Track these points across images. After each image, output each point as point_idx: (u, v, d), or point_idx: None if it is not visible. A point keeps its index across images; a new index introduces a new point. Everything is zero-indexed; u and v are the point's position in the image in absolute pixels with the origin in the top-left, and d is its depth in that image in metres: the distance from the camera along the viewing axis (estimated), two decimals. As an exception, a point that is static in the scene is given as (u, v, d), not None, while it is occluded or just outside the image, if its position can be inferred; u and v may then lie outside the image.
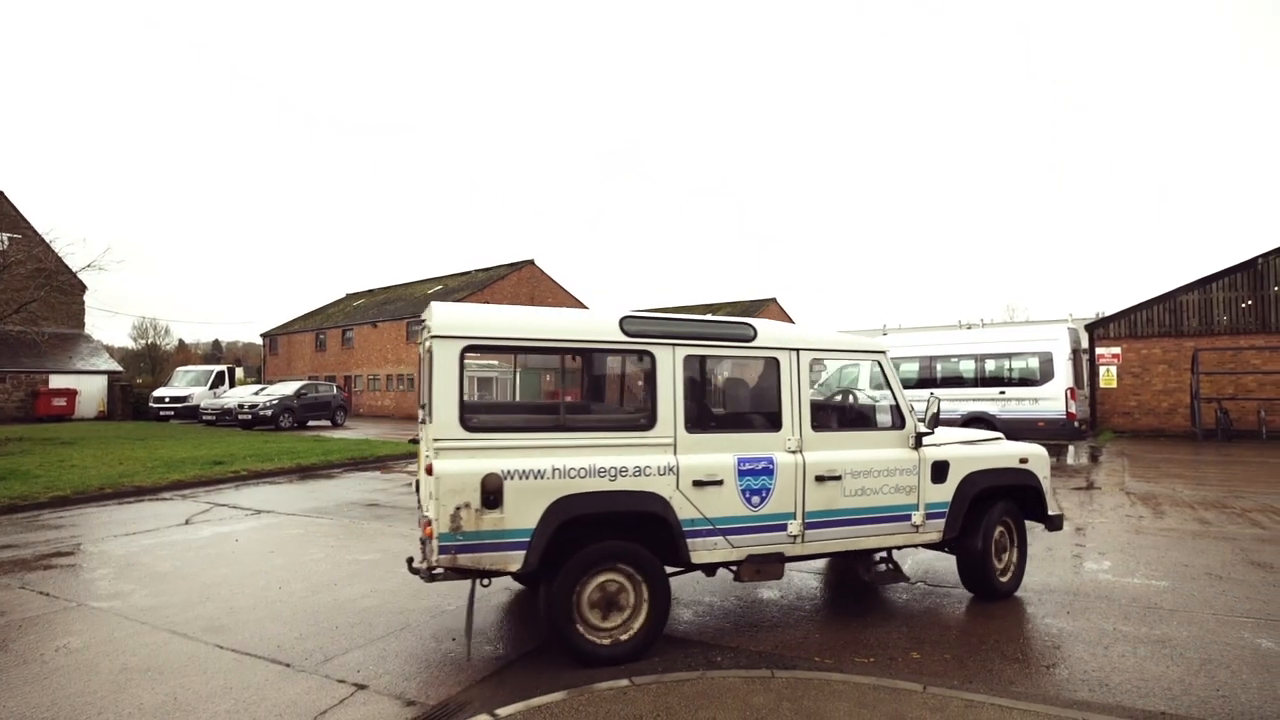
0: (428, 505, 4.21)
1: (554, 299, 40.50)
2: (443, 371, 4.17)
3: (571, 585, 4.24)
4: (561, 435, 4.38)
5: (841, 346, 5.34)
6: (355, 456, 15.45)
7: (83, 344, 36.80)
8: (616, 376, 5.05)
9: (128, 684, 4.06)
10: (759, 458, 4.71)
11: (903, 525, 5.14)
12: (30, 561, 7.00)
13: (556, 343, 4.54)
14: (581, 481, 4.24)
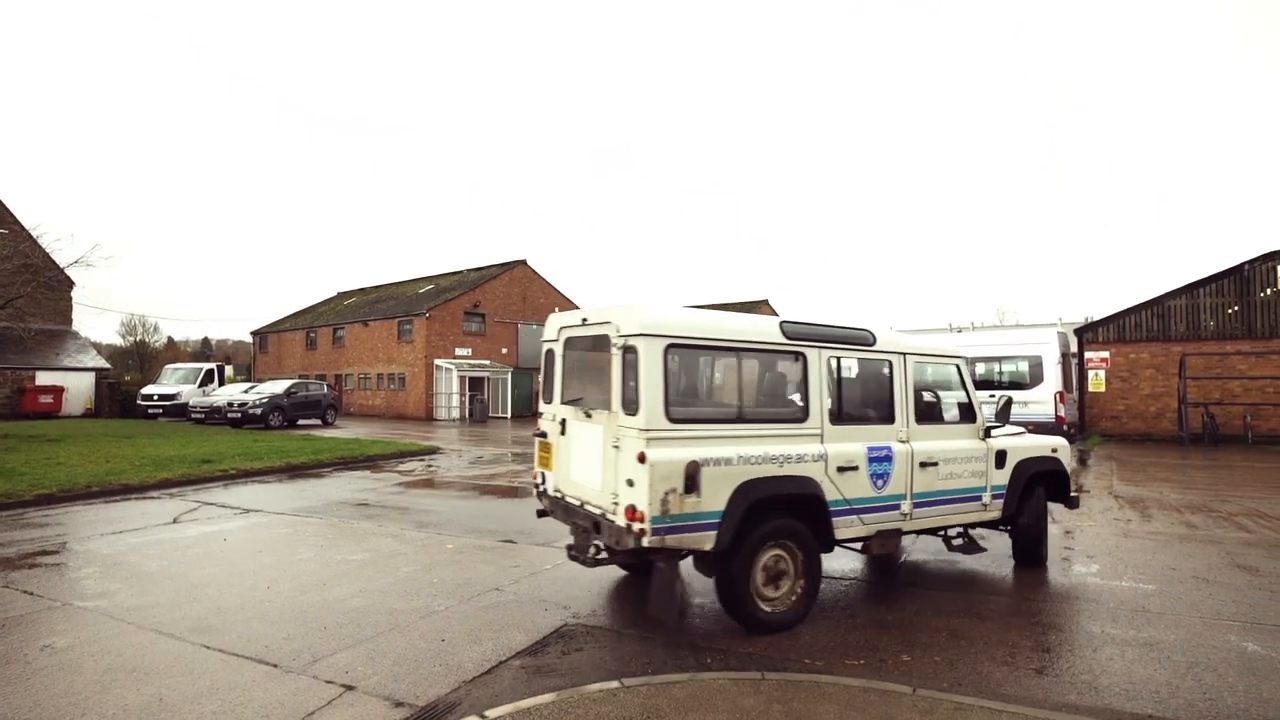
0: (624, 493, 4.59)
1: (545, 299, 40.41)
2: (649, 368, 4.59)
3: (750, 560, 4.80)
4: (741, 426, 4.94)
5: (935, 352, 6.17)
6: (345, 456, 15.37)
7: (70, 341, 36.48)
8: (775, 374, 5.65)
9: (113, 684, 4.02)
10: (881, 446, 5.46)
11: (976, 505, 6.03)
12: (14, 560, 6.92)
13: (735, 343, 5.05)
14: (758, 468, 4.78)
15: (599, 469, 5.00)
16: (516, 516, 9.17)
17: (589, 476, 5.15)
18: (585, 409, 5.27)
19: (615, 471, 4.76)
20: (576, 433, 5.38)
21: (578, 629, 4.94)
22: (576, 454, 5.38)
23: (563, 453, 5.56)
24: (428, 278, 44.83)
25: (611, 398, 4.84)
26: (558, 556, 6.94)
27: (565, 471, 5.54)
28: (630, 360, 4.70)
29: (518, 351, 38.43)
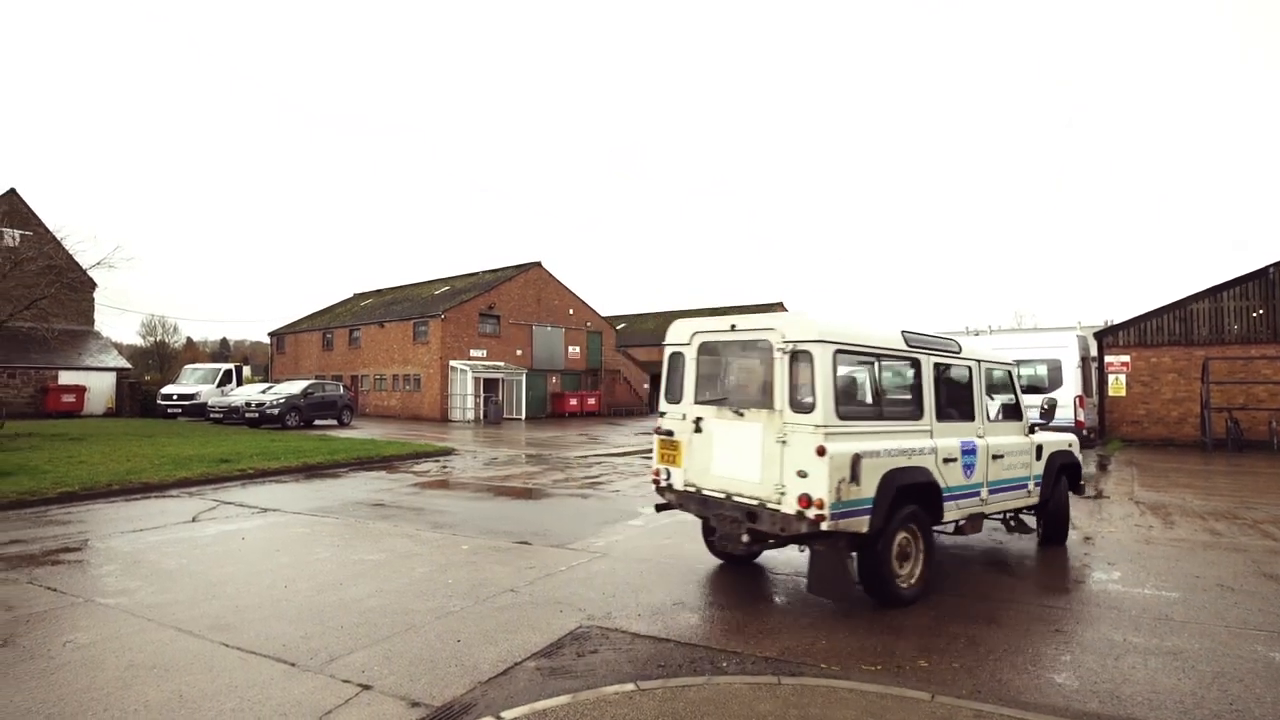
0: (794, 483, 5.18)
1: (560, 301, 40.49)
2: (822, 372, 5.22)
3: (890, 541, 5.42)
4: (881, 423, 5.66)
5: (997, 359, 7.11)
6: (361, 456, 15.46)
7: (92, 341, 36.98)
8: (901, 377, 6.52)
9: (134, 681, 4.06)
10: (968, 441, 6.27)
11: (1024, 492, 7.02)
12: (38, 556, 7.02)
13: (877, 349, 5.79)
14: (895, 459, 5.44)
15: (757, 463, 5.48)
16: (532, 518, 9.19)
17: (741, 470, 5.61)
18: (734, 408, 5.75)
19: (780, 465, 5.29)
20: (721, 430, 5.83)
21: (593, 631, 4.93)
22: (721, 450, 5.80)
23: (699, 449, 5.99)
24: (443, 279, 45.05)
25: (774, 398, 5.41)
26: (573, 558, 6.95)
27: (703, 466, 5.95)
28: (801, 364, 5.33)
29: (532, 353, 38.52)
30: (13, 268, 25.13)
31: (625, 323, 63.65)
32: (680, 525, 8.63)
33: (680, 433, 6.16)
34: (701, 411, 6.03)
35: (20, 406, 31.32)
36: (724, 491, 5.73)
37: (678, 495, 6.19)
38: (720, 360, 6.27)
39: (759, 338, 5.72)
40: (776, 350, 5.44)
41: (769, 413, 5.45)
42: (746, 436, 5.59)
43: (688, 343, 6.37)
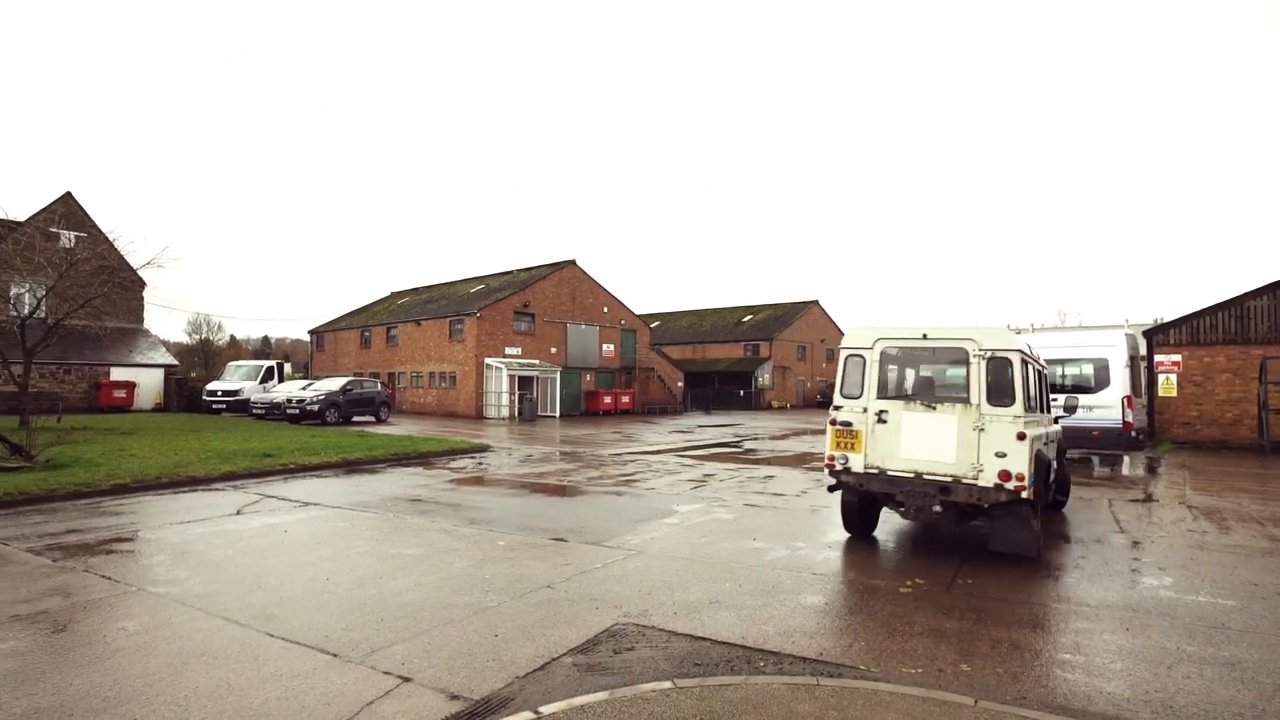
0: (991, 462, 6.48)
1: (594, 299, 40.61)
2: (1020, 374, 6.64)
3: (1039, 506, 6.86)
4: (1031, 414, 6.85)
5: (1040, 359, 8.09)
6: (399, 452, 15.68)
7: (141, 339, 38.10)
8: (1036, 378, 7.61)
9: (184, 668, 4.17)
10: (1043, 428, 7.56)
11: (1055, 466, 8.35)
12: (93, 546, 7.25)
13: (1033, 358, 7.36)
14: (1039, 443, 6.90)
15: (953, 447, 6.68)
16: (567, 515, 9.22)
17: (934, 453, 6.78)
18: (926, 402, 6.98)
19: (977, 447, 6.56)
20: (910, 421, 6.94)
21: (629, 628, 4.93)
22: (910, 437, 6.92)
23: (884, 437, 7.04)
24: (478, 278, 45.51)
25: (971, 394, 6.70)
26: (608, 555, 6.96)
27: (889, 451, 7.01)
28: (1000, 367, 6.65)
29: (566, 351, 38.71)
30: (69, 268, 26.00)
31: (659, 321, 63.62)
32: (715, 524, 8.60)
33: (859, 423, 7.15)
34: (885, 405, 7.08)
35: (75, 401, 32.43)
36: (913, 471, 6.84)
37: (856, 477, 7.13)
38: (904, 362, 7.66)
39: (954, 345, 6.95)
40: (974, 356, 6.74)
41: (964, 406, 6.70)
42: (940, 425, 6.77)
43: (870, 347, 7.27)
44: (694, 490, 11.38)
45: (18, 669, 4.17)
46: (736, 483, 12.32)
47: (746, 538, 7.85)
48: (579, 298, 39.80)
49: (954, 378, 7.48)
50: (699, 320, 63.30)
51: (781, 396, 53.96)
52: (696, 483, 12.27)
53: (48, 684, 3.95)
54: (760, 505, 9.99)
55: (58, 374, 32.51)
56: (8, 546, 7.18)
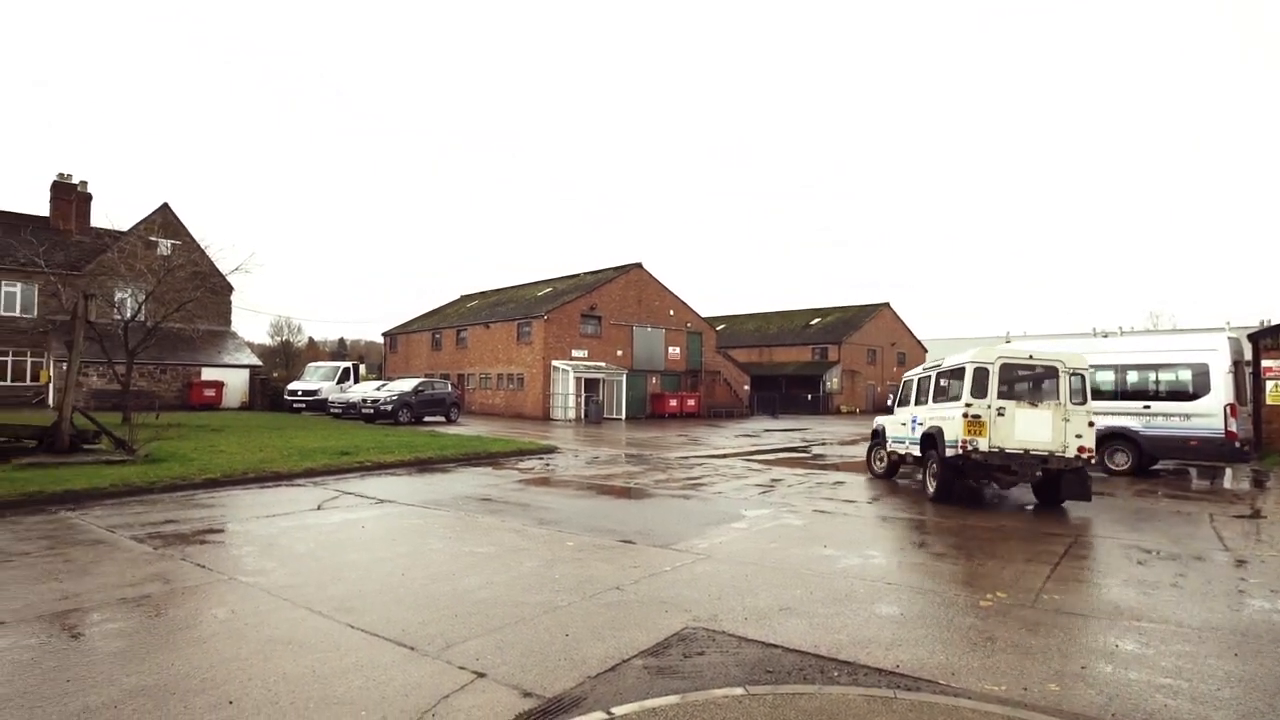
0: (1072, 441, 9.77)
1: (660, 301, 40.68)
2: (1090, 383, 10.22)
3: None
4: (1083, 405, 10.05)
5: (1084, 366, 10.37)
6: (468, 452, 16.03)
7: (229, 340, 40.13)
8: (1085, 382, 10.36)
9: (273, 654, 4.35)
10: None
11: None
12: (188, 536, 7.66)
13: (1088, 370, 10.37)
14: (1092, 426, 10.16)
15: (1049, 432, 9.75)
16: (634, 517, 9.24)
17: (1037, 436, 9.74)
18: (1030, 402, 9.99)
19: (1065, 432, 9.76)
20: (1020, 414, 9.82)
21: (699, 632, 4.89)
22: (1021, 425, 9.77)
23: (1003, 426, 9.76)
24: (546, 281, 46.18)
25: (1060, 396, 9.95)
26: (676, 559, 6.94)
27: (1006, 435, 9.75)
28: (1077, 379, 10.07)
29: (632, 353, 38.88)
30: (166, 274, 27.59)
31: (725, 324, 63.22)
32: (784, 530, 8.47)
33: (985, 417, 9.78)
34: (1003, 404, 9.85)
35: (169, 399, 34.37)
36: (1023, 449, 9.73)
37: (983, 454, 9.75)
38: (1016, 374, 10.39)
39: (1049, 363, 10.11)
40: (1062, 371, 10.03)
41: (1056, 404, 9.89)
42: (1040, 417, 9.83)
43: (993, 362, 9.96)
44: (762, 495, 11.25)
45: (126, 648, 4.44)
46: (805, 488, 12.12)
47: (817, 544, 7.70)
48: (645, 300, 39.93)
49: (1049, 386, 10.26)
50: (765, 323, 62.62)
51: (850, 401, 52.87)
52: (764, 488, 12.12)
53: (152, 663, 4.20)
54: (830, 512, 9.80)
55: (155, 374, 34.52)
56: (114, 534, 7.65)
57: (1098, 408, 15.55)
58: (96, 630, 4.76)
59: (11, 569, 6.27)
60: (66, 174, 39.84)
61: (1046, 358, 10.09)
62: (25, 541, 7.30)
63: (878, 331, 56.43)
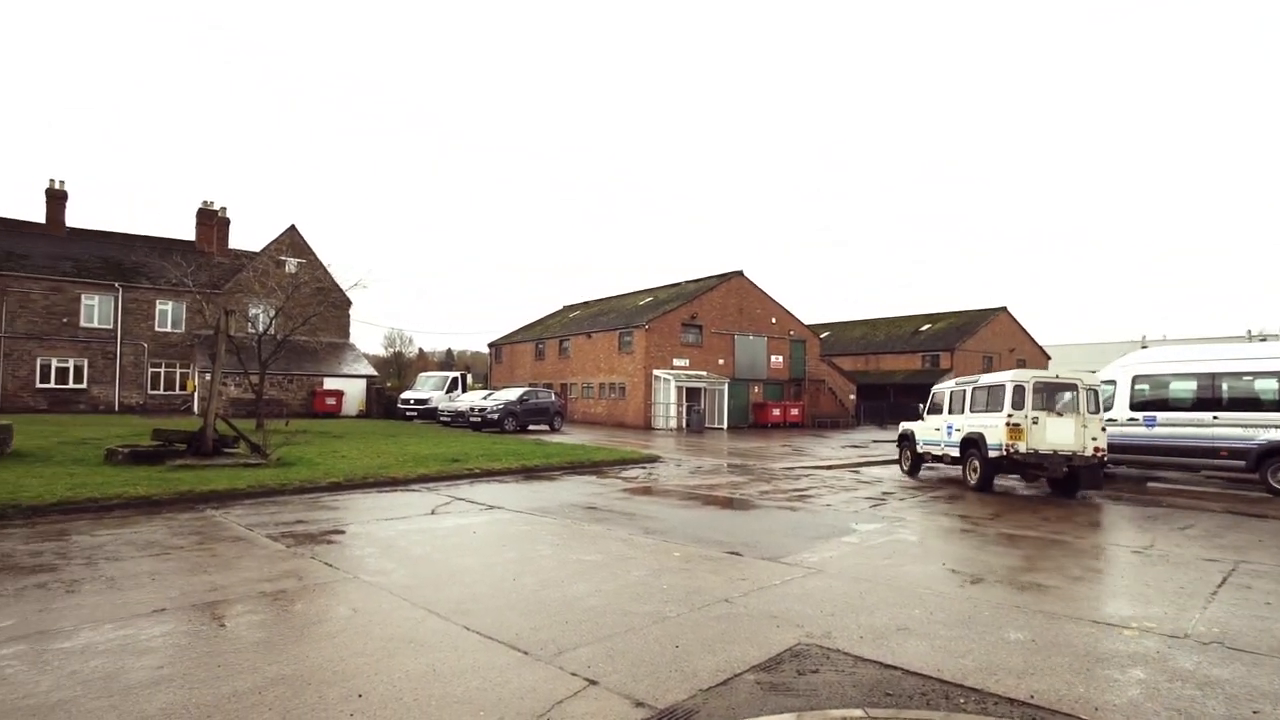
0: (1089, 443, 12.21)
1: (762, 309, 40.20)
2: (1103, 396, 13.24)
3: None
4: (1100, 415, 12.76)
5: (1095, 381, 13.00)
6: (573, 461, 16.30)
7: (348, 352, 42.62)
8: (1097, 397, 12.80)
9: (395, 651, 4.53)
10: None
11: None
12: (316, 536, 8.13)
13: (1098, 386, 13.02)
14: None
15: (1072, 436, 12.07)
16: (740, 528, 9.11)
17: (1063, 439, 12.09)
18: (1057, 411, 12.36)
19: (1084, 435, 12.09)
20: (1049, 422, 12.14)
21: (813, 649, 4.74)
22: (1050, 431, 12.11)
23: (1036, 431, 12.10)
24: (647, 290, 46.55)
25: (1079, 407, 12.29)
26: (786, 573, 6.77)
27: (1040, 439, 12.08)
28: (1093, 394, 12.46)
29: (734, 362, 38.56)
30: (294, 291, 29.65)
31: (830, 331, 61.77)
32: (898, 545, 8.13)
33: (1023, 424, 12.15)
34: (1036, 414, 12.21)
35: (295, 407, 36.86)
36: (1053, 449, 12.10)
37: (1022, 455, 12.11)
38: (1045, 389, 12.58)
39: (1069, 381, 12.60)
40: (1081, 388, 12.47)
41: (1076, 414, 12.28)
42: (1065, 424, 12.20)
43: (1029, 381, 12.39)
44: (873, 509, 10.85)
45: (266, 638, 4.76)
46: (919, 502, 11.61)
47: (934, 562, 7.34)
48: (746, 309, 39.56)
49: (1071, 400, 12.59)
50: (872, 330, 60.65)
51: (962, 412, 50.25)
52: (875, 501, 11.69)
53: (289, 654, 4.47)
54: (948, 528, 9.33)
55: (283, 383, 37.08)
56: (252, 532, 8.23)
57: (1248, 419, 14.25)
58: (241, 620, 5.12)
59: (169, 560, 6.85)
60: (209, 201, 43.70)
61: (1069, 377, 12.68)
62: (179, 536, 7.97)
63: (994, 337, 53.48)
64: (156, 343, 38.00)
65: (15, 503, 9.07)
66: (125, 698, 3.83)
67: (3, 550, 7.21)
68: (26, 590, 5.80)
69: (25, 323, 34.86)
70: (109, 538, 7.82)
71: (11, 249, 36.67)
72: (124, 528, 8.40)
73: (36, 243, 38.10)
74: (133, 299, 37.50)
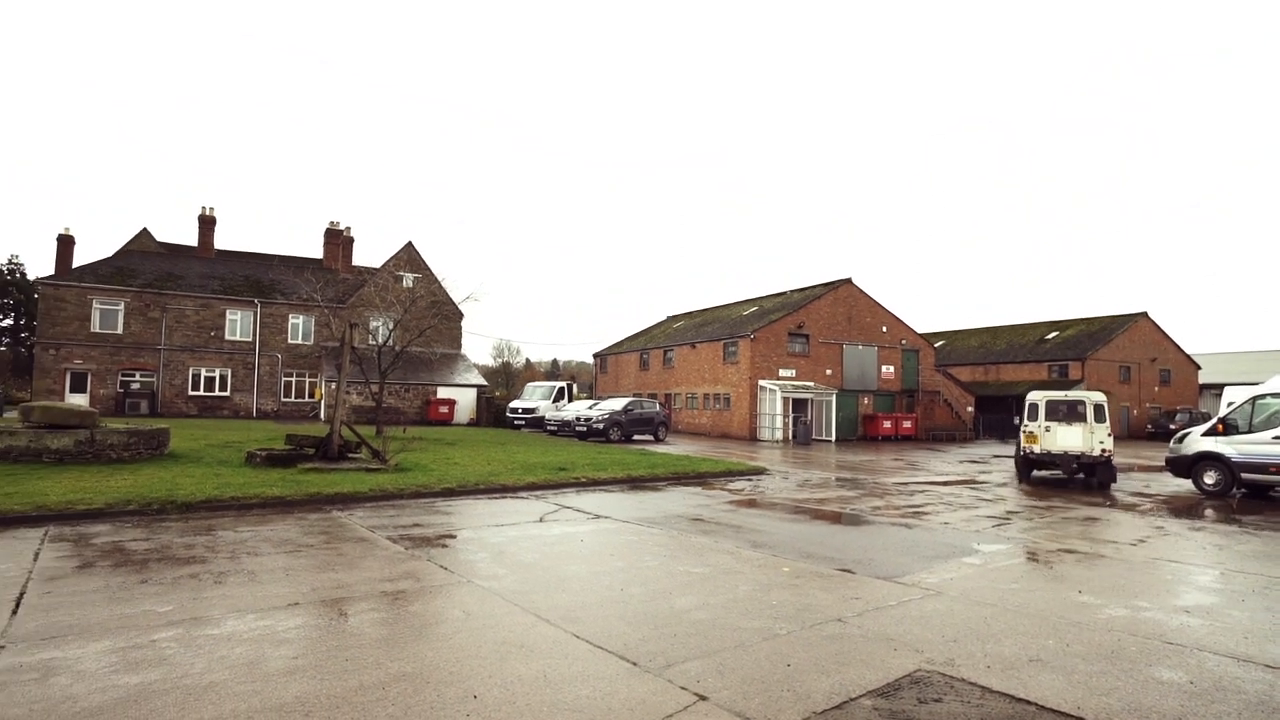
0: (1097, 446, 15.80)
1: (872, 318, 38.91)
2: (1109, 410, 16.23)
3: None
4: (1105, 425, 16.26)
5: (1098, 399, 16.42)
6: (678, 471, 16.25)
7: (460, 363, 44.42)
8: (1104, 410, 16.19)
9: (508, 655, 4.62)
10: None
11: None
12: (432, 539, 8.46)
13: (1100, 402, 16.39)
14: None
15: (1080, 440, 15.77)
16: (851, 544, 8.78)
17: (1073, 443, 15.82)
18: (1067, 422, 15.98)
19: (1091, 439, 15.71)
20: (1060, 429, 15.98)
21: (934, 676, 4.47)
22: (1061, 436, 15.92)
23: (1049, 437, 16.03)
24: (751, 300, 46.06)
25: (1087, 418, 15.82)
26: (902, 593, 6.46)
27: (1052, 442, 16.00)
28: (1099, 409, 15.95)
29: (842, 373, 37.48)
30: (411, 304, 31.21)
31: (944, 340, 59.02)
32: (1026, 569, 7.61)
33: (1037, 432, 16.14)
34: (1049, 423, 16.13)
35: (411, 415, 38.75)
36: (1064, 451, 15.85)
37: (1037, 455, 16.20)
38: (1057, 404, 16.20)
39: (1076, 399, 16.06)
40: (1088, 403, 15.93)
41: (1083, 424, 15.82)
42: (1074, 431, 15.86)
43: (1043, 399, 16.31)
44: (996, 529, 10.20)
45: (388, 636, 4.98)
46: (1048, 523, 10.82)
47: (1069, 589, 6.80)
48: (855, 317, 38.40)
49: (1081, 411, 15.94)
50: (992, 339, 57.37)
51: (1094, 426, 46.61)
52: (998, 520, 11.00)
53: (408, 652, 4.65)
54: (1083, 552, 8.64)
55: (400, 392, 39.09)
56: (373, 534, 8.66)
57: None
58: (364, 618, 5.37)
59: (301, 558, 7.31)
60: (335, 221, 46.98)
61: (1078, 395, 16.15)
62: (309, 535, 8.49)
63: (1132, 345, 49.39)
64: (289, 354, 41.04)
65: (172, 499, 9.98)
66: (266, 684, 4.09)
67: (162, 542, 7.91)
68: (182, 580, 6.33)
69: (181, 336, 38.55)
70: (249, 534, 8.43)
71: (171, 270, 40.81)
72: (262, 525, 9.03)
73: (190, 264, 42.37)
74: (269, 314, 40.71)
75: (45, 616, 5.26)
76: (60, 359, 36.15)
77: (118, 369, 37.19)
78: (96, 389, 36.55)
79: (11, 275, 57.20)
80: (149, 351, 37.91)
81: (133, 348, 37.58)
